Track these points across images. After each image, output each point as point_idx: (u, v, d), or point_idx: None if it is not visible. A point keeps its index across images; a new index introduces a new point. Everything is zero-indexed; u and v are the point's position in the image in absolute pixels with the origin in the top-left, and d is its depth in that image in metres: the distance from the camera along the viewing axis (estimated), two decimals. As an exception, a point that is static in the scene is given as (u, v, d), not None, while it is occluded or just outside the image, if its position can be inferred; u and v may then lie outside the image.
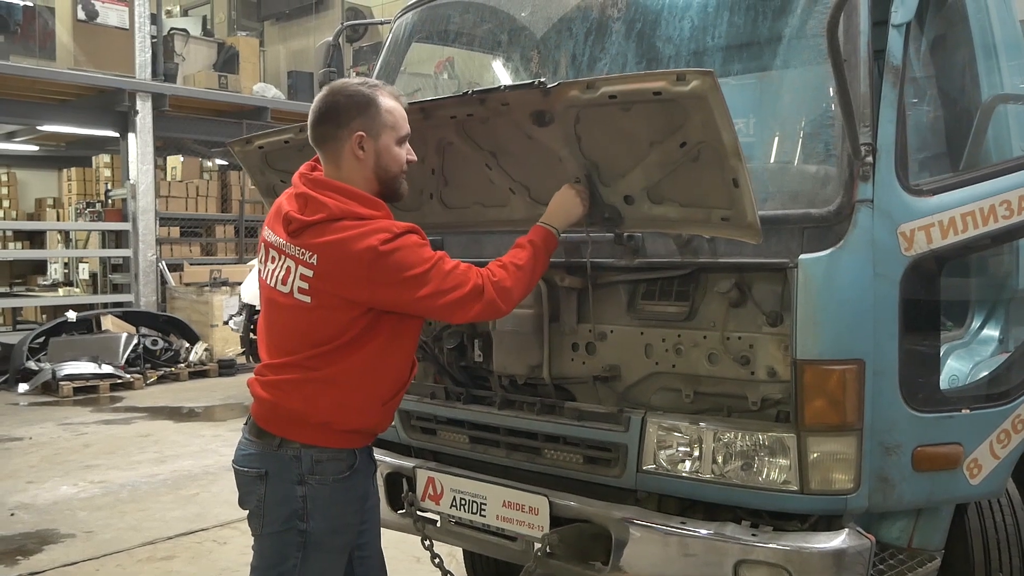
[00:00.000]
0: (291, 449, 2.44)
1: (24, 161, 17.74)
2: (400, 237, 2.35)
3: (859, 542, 2.39)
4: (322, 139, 2.47)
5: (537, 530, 2.79)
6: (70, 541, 5.41)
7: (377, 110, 2.44)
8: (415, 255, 2.36)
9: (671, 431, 2.60)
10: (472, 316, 2.44)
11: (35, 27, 12.47)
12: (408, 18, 3.78)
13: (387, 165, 2.48)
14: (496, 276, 2.45)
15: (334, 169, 2.48)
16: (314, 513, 2.44)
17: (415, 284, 2.35)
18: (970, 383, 2.75)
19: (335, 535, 2.49)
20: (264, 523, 2.48)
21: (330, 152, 2.47)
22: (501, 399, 2.98)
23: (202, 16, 16.79)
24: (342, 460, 2.48)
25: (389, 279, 2.34)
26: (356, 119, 2.43)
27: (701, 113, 2.17)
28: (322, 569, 2.51)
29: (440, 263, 2.39)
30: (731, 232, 2.37)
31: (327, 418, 2.44)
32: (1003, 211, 2.63)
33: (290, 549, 2.45)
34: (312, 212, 2.40)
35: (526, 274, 2.50)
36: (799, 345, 2.36)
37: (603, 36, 3.16)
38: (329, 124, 2.45)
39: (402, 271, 2.34)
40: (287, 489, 2.44)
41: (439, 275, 2.37)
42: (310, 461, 2.44)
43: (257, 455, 2.49)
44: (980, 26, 2.97)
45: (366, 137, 2.43)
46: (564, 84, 2.35)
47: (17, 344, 11.06)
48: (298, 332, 2.45)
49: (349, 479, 2.49)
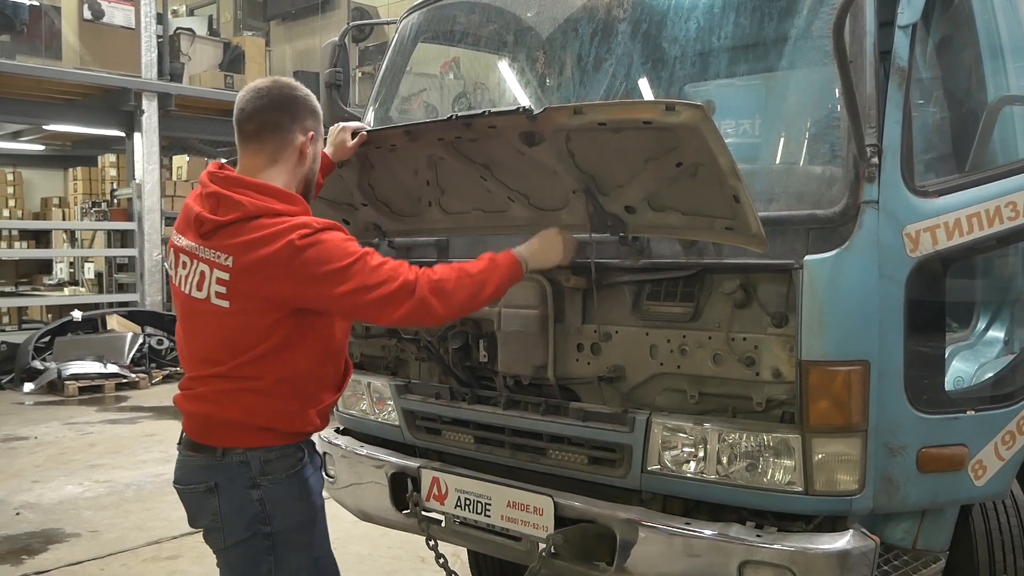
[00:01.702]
0: (236, 455, 2.36)
1: (30, 160, 17.78)
2: (320, 232, 2.26)
3: (864, 543, 2.39)
4: (269, 127, 2.39)
5: (542, 530, 2.79)
6: (75, 540, 5.42)
7: (320, 116, 2.49)
8: (337, 249, 2.26)
9: (676, 432, 2.60)
10: (400, 316, 2.32)
11: (41, 26, 12.49)
12: (414, 18, 3.78)
13: (315, 169, 2.52)
14: (437, 275, 2.34)
15: (267, 162, 2.40)
16: (275, 513, 2.38)
17: (336, 279, 2.24)
18: (975, 384, 2.75)
19: (300, 531, 2.44)
20: (226, 535, 2.40)
21: (271, 143, 2.40)
22: (506, 399, 2.97)
23: (208, 16, 16.81)
24: (291, 455, 2.42)
25: (309, 274, 2.24)
26: (310, 119, 2.44)
27: (694, 141, 2.16)
28: (298, 566, 2.45)
29: (366, 258, 2.28)
30: (736, 240, 2.37)
31: (268, 424, 2.38)
32: (1009, 213, 2.63)
33: (260, 555, 2.39)
34: (225, 212, 2.30)
35: (474, 285, 2.38)
36: (804, 346, 2.36)
37: (609, 37, 3.16)
38: (284, 114, 2.40)
39: (322, 265, 2.23)
40: (242, 495, 2.36)
41: (364, 270, 2.26)
42: (259, 463, 2.37)
43: (202, 468, 2.40)
44: (986, 27, 2.96)
45: (315, 138, 2.46)
46: (550, 110, 2.31)
47: (23, 343, 11.09)
48: (219, 340, 2.35)
49: (302, 472, 2.44)
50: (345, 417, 3.60)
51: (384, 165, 2.80)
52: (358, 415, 3.51)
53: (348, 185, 2.89)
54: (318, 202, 2.99)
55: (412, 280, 2.30)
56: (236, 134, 2.45)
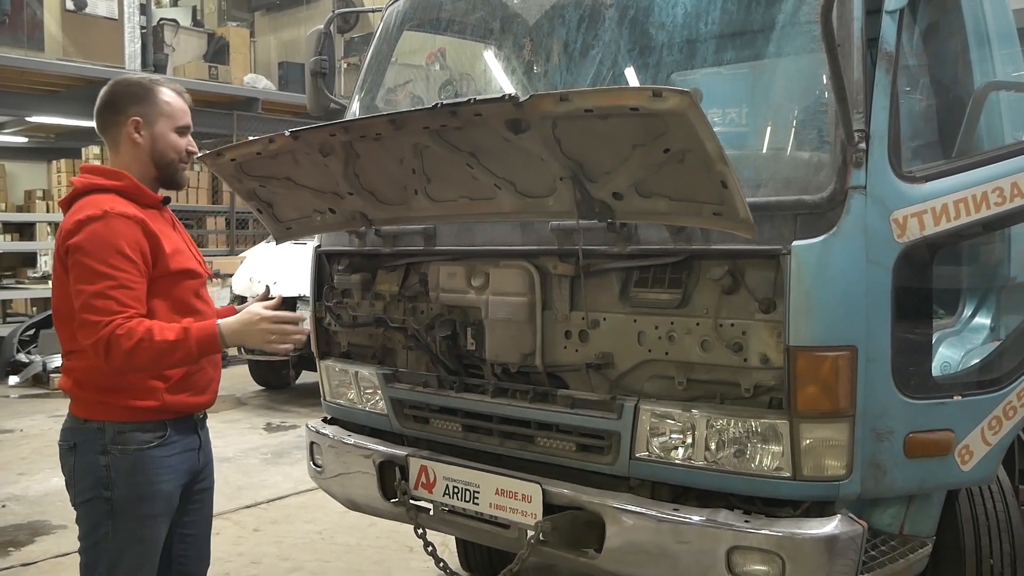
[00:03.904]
0: (95, 423, 2.57)
1: (13, 153, 17.62)
2: (104, 219, 2.46)
3: (851, 528, 2.40)
4: (104, 126, 2.68)
5: (530, 518, 2.79)
6: (62, 532, 5.39)
7: (154, 99, 2.66)
8: (105, 249, 2.45)
9: (664, 418, 2.60)
10: (85, 347, 2.47)
11: (23, 17, 12.38)
12: (399, 5, 3.76)
13: (163, 150, 2.67)
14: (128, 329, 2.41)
15: (115, 156, 2.68)
16: (117, 481, 2.54)
17: (85, 275, 2.44)
18: (962, 370, 2.76)
19: (141, 502, 2.57)
20: (76, 492, 2.62)
21: (111, 138, 2.68)
22: (494, 387, 2.97)
23: (192, 6, 16.68)
24: (147, 431, 2.58)
25: (74, 258, 2.46)
26: (133, 106, 2.64)
27: (682, 128, 2.15)
28: (133, 536, 2.58)
29: (109, 280, 2.42)
30: (724, 225, 2.36)
31: (101, 398, 2.56)
32: (995, 198, 2.64)
33: (100, 517, 2.56)
34: (68, 194, 2.64)
35: (154, 352, 2.44)
36: (792, 332, 2.36)
37: (596, 23, 3.14)
38: (109, 111, 2.66)
39: (83, 254, 2.44)
40: (92, 459, 2.56)
41: (102, 292, 2.42)
42: (112, 432, 2.55)
43: (67, 429, 2.64)
44: (973, 14, 2.97)
45: (142, 123, 2.63)
46: (536, 97, 2.29)
47: (7, 336, 11.00)
48: (55, 310, 2.62)
49: (156, 449, 2.58)
50: (332, 407, 3.58)
51: (370, 154, 2.78)
52: (345, 404, 3.50)
53: (334, 174, 2.88)
54: (304, 191, 2.98)
55: (107, 335, 2.41)
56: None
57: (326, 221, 3.14)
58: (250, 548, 5.09)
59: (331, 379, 3.55)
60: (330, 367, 3.53)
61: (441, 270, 3.11)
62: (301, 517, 5.62)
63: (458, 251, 3.08)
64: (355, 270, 3.40)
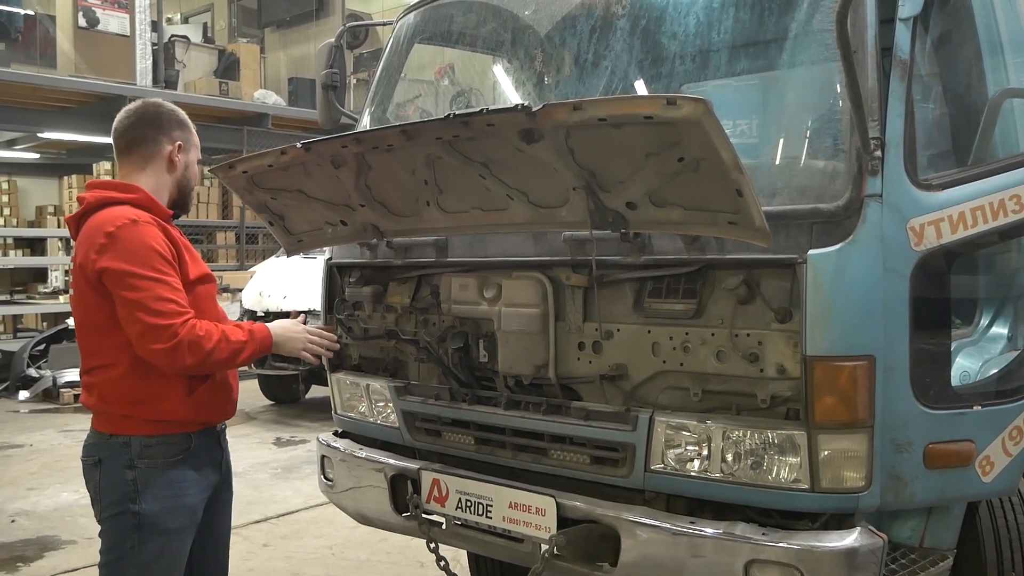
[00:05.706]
0: (121, 437, 2.58)
1: (25, 169, 17.74)
2: (136, 226, 2.50)
3: (871, 541, 2.36)
4: (137, 140, 2.69)
5: (544, 531, 2.76)
6: (71, 547, 5.38)
7: (191, 129, 2.79)
8: (149, 254, 2.49)
9: (679, 430, 2.57)
10: (151, 352, 2.47)
11: (36, 35, 12.50)
12: (410, 19, 3.76)
13: (191, 178, 2.82)
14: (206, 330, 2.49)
15: (136, 172, 2.69)
16: (145, 495, 2.55)
17: (128, 283, 2.45)
18: (981, 380, 2.72)
19: (169, 516, 2.58)
20: (101, 508, 2.62)
21: (140, 154, 2.69)
22: (507, 400, 2.94)
23: (203, 23, 16.84)
24: (174, 444, 2.61)
25: (115, 268, 2.46)
26: (177, 130, 2.74)
27: (696, 136, 2.13)
28: (160, 550, 2.58)
29: (163, 285, 2.47)
30: (739, 234, 2.34)
31: (127, 412, 2.57)
32: (1013, 206, 2.61)
33: (126, 531, 2.56)
34: (79, 210, 2.65)
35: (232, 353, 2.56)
36: (809, 341, 2.33)
37: (607, 34, 3.13)
38: (150, 128, 2.70)
39: (126, 262, 2.46)
40: (118, 473, 2.57)
41: (159, 296, 2.46)
42: (139, 446, 2.57)
43: (91, 444, 2.66)
44: (985, 22, 2.95)
45: (183, 147, 2.74)
46: (549, 107, 2.27)
47: (18, 351, 11.04)
48: (78, 326, 2.63)
49: (183, 462, 2.62)
50: (343, 420, 3.56)
51: (382, 165, 2.77)
52: (357, 417, 3.48)
53: (345, 186, 2.87)
54: (315, 203, 2.97)
55: (178, 327, 2.46)
56: (114, 152, 2.76)
57: (338, 233, 3.13)
58: (260, 563, 5.07)
59: (342, 392, 3.53)
60: (341, 380, 3.51)
61: (453, 282, 3.10)
62: (311, 532, 5.60)
63: (470, 262, 3.06)
64: (366, 282, 3.39)
